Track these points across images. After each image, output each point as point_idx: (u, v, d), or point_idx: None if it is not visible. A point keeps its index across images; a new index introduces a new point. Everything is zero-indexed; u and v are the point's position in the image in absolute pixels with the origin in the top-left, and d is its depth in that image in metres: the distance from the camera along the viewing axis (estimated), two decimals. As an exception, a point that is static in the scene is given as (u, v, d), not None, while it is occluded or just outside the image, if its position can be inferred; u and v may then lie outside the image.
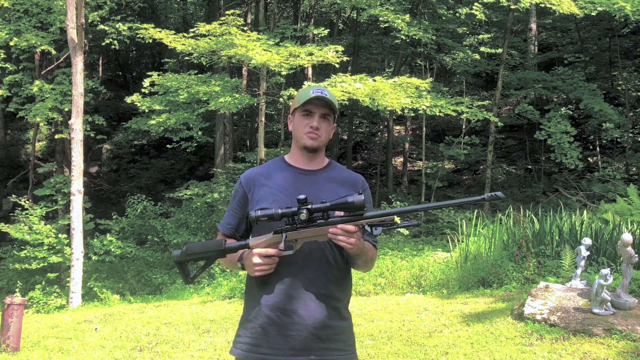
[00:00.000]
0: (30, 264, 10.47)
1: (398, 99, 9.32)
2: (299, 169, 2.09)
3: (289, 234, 1.90)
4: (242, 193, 2.09)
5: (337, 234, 1.85)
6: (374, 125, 20.48)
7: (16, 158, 19.80)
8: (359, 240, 1.88)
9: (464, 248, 7.75)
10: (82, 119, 9.43)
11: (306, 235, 1.90)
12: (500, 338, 4.62)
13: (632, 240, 4.91)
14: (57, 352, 5.31)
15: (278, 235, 1.91)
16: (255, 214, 1.88)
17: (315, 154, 2.10)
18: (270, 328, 1.96)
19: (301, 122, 2.06)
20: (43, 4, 11.97)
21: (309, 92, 2.04)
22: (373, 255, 2.09)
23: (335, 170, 2.13)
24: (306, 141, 2.05)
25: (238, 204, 2.11)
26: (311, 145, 2.05)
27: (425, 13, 14.88)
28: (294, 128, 2.10)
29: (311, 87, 2.10)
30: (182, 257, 1.99)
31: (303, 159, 2.10)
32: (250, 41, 9.14)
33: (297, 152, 2.12)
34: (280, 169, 2.11)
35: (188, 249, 1.99)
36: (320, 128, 2.05)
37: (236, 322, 5.86)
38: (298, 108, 2.07)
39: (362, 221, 1.87)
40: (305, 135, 2.05)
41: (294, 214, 1.87)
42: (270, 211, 1.88)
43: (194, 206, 12.10)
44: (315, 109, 2.05)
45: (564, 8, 10.56)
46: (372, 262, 2.11)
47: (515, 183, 15.65)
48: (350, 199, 1.83)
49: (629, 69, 16.04)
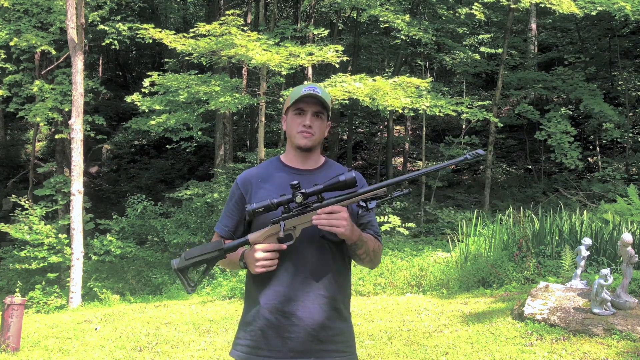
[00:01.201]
0: (30, 264, 10.47)
1: (398, 99, 9.32)
2: (295, 168, 2.08)
3: (287, 221, 1.90)
4: (239, 195, 2.08)
5: (321, 219, 1.85)
6: (374, 125, 20.48)
7: (16, 158, 19.80)
8: (347, 221, 1.86)
9: (464, 248, 7.75)
10: (82, 119, 9.43)
11: (304, 220, 1.90)
12: (500, 338, 4.62)
13: (632, 240, 4.91)
14: (57, 352, 5.31)
15: (276, 225, 1.91)
16: (252, 206, 1.89)
17: (309, 153, 2.08)
18: (269, 330, 1.95)
19: (294, 121, 2.04)
20: (43, 4, 11.97)
21: (301, 90, 2.02)
22: (375, 247, 2.04)
23: (332, 169, 2.11)
24: (299, 140, 2.03)
25: (235, 205, 2.09)
26: (305, 145, 2.03)
27: (425, 13, 14.87)
28: (287, 127, 2.08)
29: (304, 85, 2.09)
30: (182, 264, 1.96)
31: (298, 159, 2.09)
32: (250, 41, 9.14)
33: (291, 152, 2.10)
34: (277, 170, 2.09)
35: (187, 254, 1.97)
36: (313, 126, 2.02)
37: (236, 322, 5.86)
38: (290, 107, 2.05)
39: (356, 198, 1.89)
40: (299, 134, 2.03)
41: (290, 200, 1.89)
42: (266, 202, 1.88)
43: (194, 206, 12.10)
44: (307, 107, 2.02)
45: (564, 8, 10.56)
46: (376, 255, 2.06)
47: (515, 183, 15.65)
48: (341, 177, 1.86)
49: (629, 69, 16.04)
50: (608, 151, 15.67)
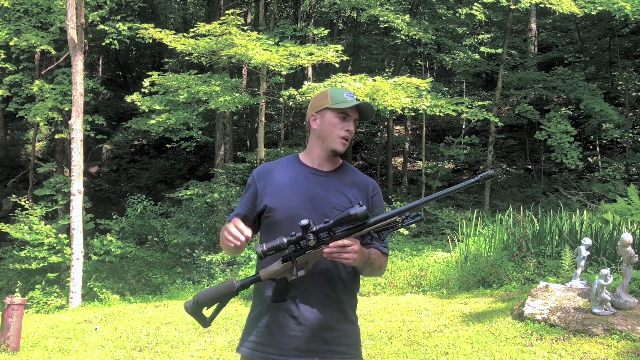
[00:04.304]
0: (30, 264, 10.46)
1: (398, 99, 9.32)
2: (312, 168, 2.07)
3: (299, 258, 1.89)
4: (254, 187, 2.08)
5: (332, 253, 1.84)
6: (374, 125, 20.47)
7: (16, 158, 19.80)
8: (358, 253, 1.86)
9: (464, 248, 7.75)
10: (82, 119, 9.43)
11: (315, 256, 1.89)
12: (500, 338, 4.62)
13: (632, 240, 4.90)
14: (57, 352, 5.31)
15: (289, 263, 1.89)
16: (262, 248, 1.86)
17: (337, 157, 2.09)
18: (275, 328, 1.95)
19: (336, 125, 2.03)
20: (43, 4, 11.96)
21: (343, 94, 2.04)
22: (382, 263, 2.05)
23: (348, 173, 2.11)
24: (338, 146, 2.04)
25: (249, 197, 2.09)
26: (342, 151, 2.06)
27: (425, 13, 14.86)
28: (322, 127, 2.05)
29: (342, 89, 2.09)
30: (195, 308, 1.96)
31: (320, 160, 2.08)
32: (250, 41, 9.14)
33: (317, 152, 2.09)
34: (294, 167, 2.09)
35: (199, 298, 1.95)
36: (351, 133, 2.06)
37: (236, 322, 5.87)
38: (332, 109, 2.03)
39: (367, 229, 1.87)
40: (340, 139, 2.03)
41: (300, 239, 1.86)
42: (275, 243, 1.85)
43: (194, 206, 12.10)
44: (351, 114, 2.04)
45: (564, 8, 10.56)
46: (380, 270, 2.08)
47: (515, 183, 15.65)
48: (352, 211, 1.82)
49: (629, 69, 16.03)
50: (608, 151, 15.67)
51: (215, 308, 1.98)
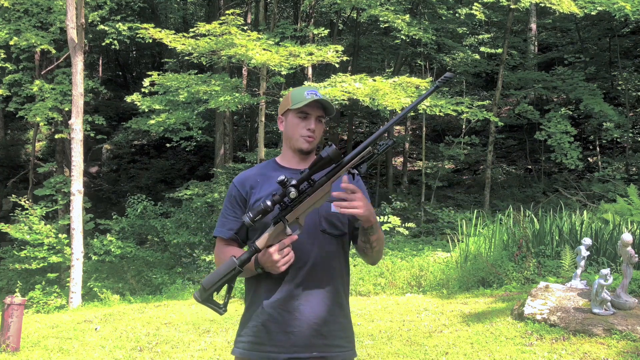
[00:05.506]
0: (30, 264, 10.46)
1: (398, 99, 9.32)
2: (290, 169, 2.08)
3: (288, 216, 1.88)
4: (239, 195, 2.06)
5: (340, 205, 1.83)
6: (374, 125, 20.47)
7: (16, 158, 19.80)
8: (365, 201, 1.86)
9: (464, 248, 7.75)
10: (82, 118, 9.43)
11: (303, 208, 1.88)
12: (500, 338, 4.62)
13: (632, 240, 4.91)
14: (57, 352, 5.31)
15: (280, 224, 1.88)
16: (248, 216, 1.85)
17: (308, 155, 2.10)
18: (272, 325, 1.95)
19: (297, 125, 2.05)
20: (43, 4, 11.96)
21: (304, 93, 2.03)
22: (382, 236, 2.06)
23: None
24: (302, 144, 2.06)
25: (237, 206, 2.07)
26: (307, 149, 2.07)
27: (425, 13, 14.86)
28: (287, 129, 2.09)
29: (304, 88, 2.10)
30: (203, 295, 1.94)
31: (295, 160, 2.10)
32: (250, 41, 9.14)
33: (289, 153, 2.12)
34: (274, 171, 2.09)
35: (205, 284, 1.94)
36: (315, 130, 2.05)
37: (236, 322, 5.86)
38: (292, 110, 2.05)
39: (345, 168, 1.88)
40: (302, 138, 2.05)
41: (283, 195, 1.85)
42: (260, 207, 1.84)
43: (194, 206, 12.10)
44: (311, 111, 2.04)
45: (564, 8, 10.56)
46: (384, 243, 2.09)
47: (515, 183, 15.65)
48: (323, 154, 1.84)
49: (629, 69, 16.03)
50: (608, 151, 15.67)
51: (225, 291, 1.96)
